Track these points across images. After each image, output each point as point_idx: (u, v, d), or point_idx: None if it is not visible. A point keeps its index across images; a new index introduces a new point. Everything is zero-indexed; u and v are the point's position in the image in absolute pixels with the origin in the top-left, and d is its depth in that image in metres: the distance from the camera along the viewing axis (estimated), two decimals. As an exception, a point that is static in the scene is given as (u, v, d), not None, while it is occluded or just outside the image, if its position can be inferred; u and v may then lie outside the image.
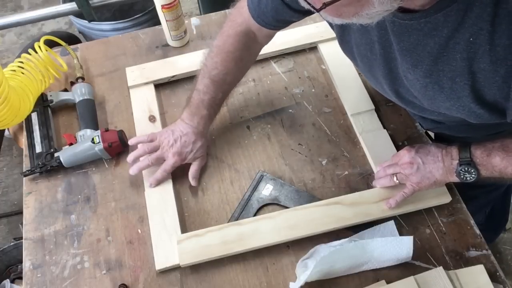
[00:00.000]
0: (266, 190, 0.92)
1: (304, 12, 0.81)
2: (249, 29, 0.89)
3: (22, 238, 0.97)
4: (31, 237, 0.90)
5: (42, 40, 1.07)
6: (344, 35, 0.78)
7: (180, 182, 0.95)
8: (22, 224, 0.94)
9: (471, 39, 0.57)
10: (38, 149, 0.98)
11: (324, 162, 0.97)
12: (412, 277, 0.78)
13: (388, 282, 0.80)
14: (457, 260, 0.84)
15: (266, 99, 1.07)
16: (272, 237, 0.84)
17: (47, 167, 0.95)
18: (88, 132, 0.99)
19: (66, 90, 1.08)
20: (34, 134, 1.00)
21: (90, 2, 1.67)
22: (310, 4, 0.52)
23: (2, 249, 1.53)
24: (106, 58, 1.16)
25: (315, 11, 0.53)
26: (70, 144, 0.97)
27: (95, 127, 1.01)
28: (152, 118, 1.02)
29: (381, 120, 0.99)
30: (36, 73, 1.02)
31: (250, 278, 0.84)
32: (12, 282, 1.51)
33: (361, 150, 0.98)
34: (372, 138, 0.97)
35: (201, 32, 1.20)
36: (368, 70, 0.78)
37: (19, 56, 1.04)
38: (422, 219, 0.88)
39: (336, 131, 1.01)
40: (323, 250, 0.81)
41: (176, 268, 0.85)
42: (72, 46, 1.16)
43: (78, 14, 1.75)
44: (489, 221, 1.31)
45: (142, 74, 1.09)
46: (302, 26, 1.14)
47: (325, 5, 0.50)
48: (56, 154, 0.96)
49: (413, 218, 0.88)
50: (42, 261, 0.87)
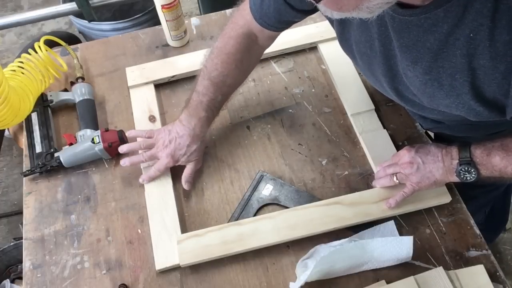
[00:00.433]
0: (266, 190, 0.92)
1: (306, 11, 0.81)
2: (250, 31, 0.88)
3: (22, 238, 0.97)
4: (31, 237, 0.90)
5: (42, 40, 1.07)
6: (344, 33, 0.78)
7: (180, 182, 0.95)
8: (22, 224, 0.94)
9: (471, 35, 0.57)
10: (38, 149, 0.98)
11: (324, 162, 0.97)
12: (412, 277, 0.78)
13: (388, 282, 0.80)
14: (457, 260, 0.84)
15: (266, 99, 1.07)
16: (272, 237, 0.84)
17: (47, 167, 0.95)
18: (88, 132, 0.99)
19: (66, 90, 1.08)
20: (34, 134, 1.00)
21: (90, 2, 1.67)
22: None
23: (2, 249, 1.53)
24: (106, 58, 1.16)
25: (315, 3, 0.52)
26: (70, 144, 0.97)
27: (95, 127, 1.01)
28: (152, 118, 1.02)
29: (381, 120, 0.99)
30: (36, 73, 1.02)
31: (250, 278, 0.84)
32: (12, 282, 1.51)
33: (361, 150, 0.98)
34: (372, 138, 0.97)
35: (201, 32, 1.20)
36: (367, 68, 0.78)
37: (19, 56, 1.04)
38: (422, 219, 0.88)
39: (336, 131, 1.01)
40: (323, 250, 0.81)
41: (176, 268, 0.85)
42: (72, 46, 1.16)
43: (78, 14, 1.75)
44: (489, 221, 1.31)
45: (142, 74, 1.09)
46: (302, 26, 1.14)
47: None
48: (56, 154, 0.96)
49: (413, 218, 0.88)
50: (42, 261, 0.87)
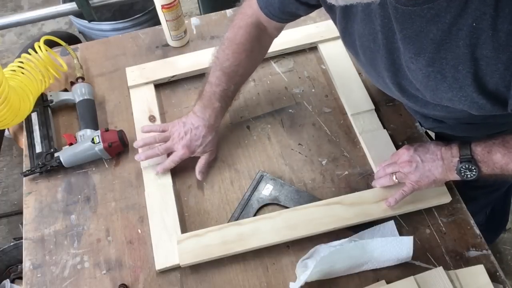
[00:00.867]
0: (266, 190, 0.92)
1: (309, 5, 0.81)
2: (258, 20, 0.89)
3: (22, 238, 0.97)
4: (31, 237, 0.90)
5: (42, 40, 1.07)
6: (347, 27, 0.78)
7: (180, 182, 0.95)
8: (22, 224, 0.95)
9: (474, 24, 0.56)
10: (38, 149, 0.98)
11: (324, 162, 0.97)
12: (412, 277, 0.78)
13: (388, 282, 0.80)
14: (457, 260, 0.84)
15: (266, 99, 1.07)
16: (272, 237, 0.84)
17: (47, 167, 0.95)
18: (88, 132, 0.99)
19: (66, 90, 1.08)
20: (34, 134, 1.00)
21: (90, 2, 1.67)
22: None
23: (2, 249, 1.53)
24: (106, 58, 1.16)
25: None
26: (70, 144, 0.97)
27: (95, 127, 1.01)
28: (152, 118, 1.02)
29: (381, 120, 0.99)
30: (36, 73, 1.02)
31: (250, 278, 0.84)
32: (12, 282, 1.51)
33: (361, 150, 0.98)
34: (372, 138, 0.97)
35: (201, 32, 1.20)
36: (370, 64, 0.78)
37: (19, 56, 1.04)
38: (422, 219, 0.88)
39: (336, 131, 1.01)
40: (323, 250, 0.81)
41: (176, 268, 0.85)
42: (72, 46, 1.16)
43: (78, 14, 1.75)
44: (489, 222, 1.31)
45: (142, 74, 1.09)
46: (302, 26, 1.14)
47: None
48: (56, 154, 0.96)
49: (413, 218, 0.88)
50: (42, 261, 0.87)
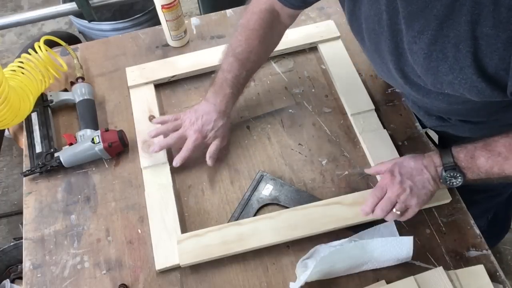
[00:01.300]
0: (266, 190, 0.92)
1: None
2: (272, 7, 0.90)
3: (22, 238, 0.97)
4: (31, 237, 0.90)
5: (42, 40, 1.07)
6: (355, 10, 0.78)
7: (180, 182, 0.95)
8: (22, 224, 0.95)
9: None
10: (38, 149, 0.98)
11: (324, 162, 0.97)
12: (412, 277, 0.78)
13: (388, 282, 0.80)
14: (457, 260, 0.84)
15: (266, 99, 1.07)
16: (272, 237, 0.84)
17: (47, 167, 0.95)
18: (88, 132, 0.99)
19: (66, 90, 1.08)
20: (34, 134, 1.00)
21: (90, 2, 1.67)
22: None
23: (2, 249, 1.53)
24: (106, 58, 1.16)
25: None
26: (70, 144, 0.97)
27: (95, 127, 1.01)
28: (152, 118, 1.02)
29: (381, 120, 0.99)
30: (36, 73, 1.02)
31: (250, 278, 0.84)
32: (12, 282, 1.51)
33: (361, 150, 0.98)
34: (372, 138, 0.97)
35: (201, 32, 1.20)
36: (374, 49, 0.77)
37: (19, 56, 1.04)
38: (422, 219, 0.88)
39: (336, 131, 1.01)
40: (323, 250, 0.81)
41: (176, 268, 0.85)
42: (72, 46, 1.16)
43: (78, 14, 1.75)
44: (491, 226, 1.30)
45: (142, 74, 1.09)
46: (302, 26, 1.15)
47: None
48: (56, 154, 0.96)
49: (413, 218, 0.87)
50: (42, 261, 0.87)
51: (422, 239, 0.86)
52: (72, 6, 1.67)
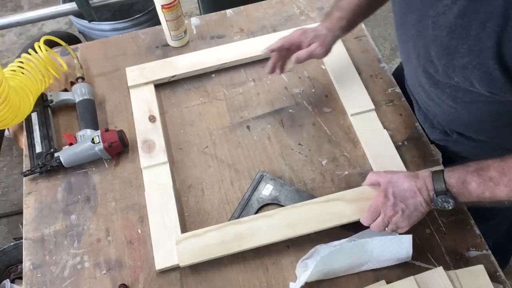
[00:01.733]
0: (266, 190, 0.92)
1: None
2: None
3: (22, 238, 0.97)
4: (31, 237, 0.90)
5: (42, 40, 1.07)
6: None
7: (180, 182, 0.95)
8: (22, 224, 0.95)
9: None
10: (38, 149, 0.98)
11: (324, 162, 0.97)
12: (412, 277, 0.78)
13: (388, 282, 0.80)
14: (457, 260, 0.84)
15: (266, 99, 1.07)
16: (271, 236, 0.84)
17: (47, 167, 0.95)
18: (88, 132, 0.99)
19: (66, 90, 1.08)
20: (34, 134, 1.00)
21: (90, 2, 1.67)
22: None
23: (2, 249, 1.53)
24: (106, 58, 1.16)
25: None
26: (70, 144, 0.97)
27: (95, 127, 1.01)
28: (152, 118, 1.02)
29: (381, 120, 0.99)
30: (36, 73, 1.02)
31: (250, 278, 0.84)
32: (12, 282, 1.51)
33: (361, 150, 0.98)
34: (372, 138, 0.97)
35: (201, 32, 1.20)
36: (404, 13, 0.77)
37: (19, 56, 1.04)
38: (422, 219, 0.87)
39: (336, 131, 1.01)
40: (323, 250, 0.81)
41: (176, 268, 0.85)
42: (72, 46, 1.16)
43: (78, 14, 1.75)
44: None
45: (142, 74, 1.09)
46: (302, 26, 1.14)
47: None
48: (56, 154, 0.96)
49: (413, 218, 0.88)
50: (42, 261, 0.87)
51: (422, 239, 0.86)
52: (72, 6, 1.67)
